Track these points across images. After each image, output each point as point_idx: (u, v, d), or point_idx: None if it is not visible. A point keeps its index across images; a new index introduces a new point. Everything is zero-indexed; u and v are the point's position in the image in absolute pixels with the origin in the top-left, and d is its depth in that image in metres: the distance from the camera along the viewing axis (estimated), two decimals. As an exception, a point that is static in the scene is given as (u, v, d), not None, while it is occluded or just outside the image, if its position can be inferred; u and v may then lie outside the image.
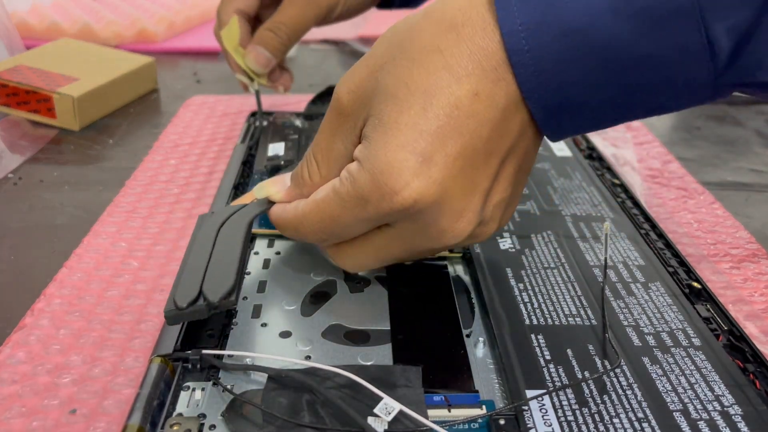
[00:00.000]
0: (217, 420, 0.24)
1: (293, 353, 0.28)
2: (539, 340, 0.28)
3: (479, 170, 0.27)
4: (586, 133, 0.29)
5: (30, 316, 0.33)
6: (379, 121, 0.26)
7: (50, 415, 0.27)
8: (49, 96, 0.55)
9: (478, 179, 0.27)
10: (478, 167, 0.27)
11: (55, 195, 0.46)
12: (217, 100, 0.63)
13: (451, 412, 0.25)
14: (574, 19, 0.24)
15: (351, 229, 0.29)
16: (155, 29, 0.81)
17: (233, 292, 0.27)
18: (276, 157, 0.45)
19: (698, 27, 0.23)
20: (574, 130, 0.27)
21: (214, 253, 0.29)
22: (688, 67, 0.24)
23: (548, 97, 0.26)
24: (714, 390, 0.26)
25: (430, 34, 0.27)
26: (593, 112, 0.26)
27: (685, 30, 0.23)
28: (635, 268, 0.34)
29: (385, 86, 0.27)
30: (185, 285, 0.27)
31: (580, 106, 0.26)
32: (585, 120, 0.27)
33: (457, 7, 0.27)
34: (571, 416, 0.24)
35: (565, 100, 0.26)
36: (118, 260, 0.38)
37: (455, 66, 0.26)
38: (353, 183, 0.27)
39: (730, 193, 0.48)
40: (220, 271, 0.28)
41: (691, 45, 0.24)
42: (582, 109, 0.26)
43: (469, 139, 0.26)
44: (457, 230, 0.27)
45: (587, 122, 0.27)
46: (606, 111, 0.26)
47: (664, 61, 0.24)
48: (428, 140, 0.26)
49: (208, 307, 0.26)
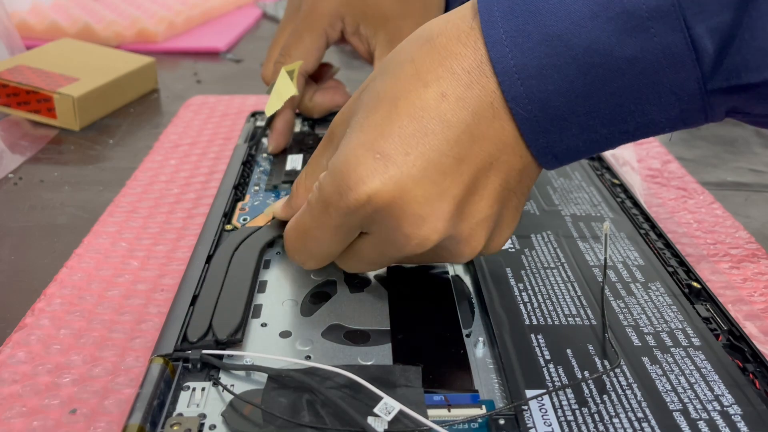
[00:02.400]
0: (217, 420, 0.24)
1: (293, 353, 0.28)
2: (539, 340, 0.28)
3: (447, 176, 0.26)
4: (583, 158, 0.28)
5: (30, 316, 0.33)
6: (350, 129, 0.27)
7: (51, 415, 0.27)
8: (49, 96, 0.55)
9: (446, 185, 0.26)
10: (445, 172, 0.26)
11: (55, 195, 0.47)
12: (218, 101, 0.64)
13: (450, 411, 0.25)
14: (555, 24, 0.24)
15: (324, 242, 0.29)
16: (155, 29, 0.81)
17: (239, 329, 0.28)
18: (294, 171, 0.43)
19: (680, 27, 0.23)
20: (565, 150, 0.26)
21: (226, 284, 0.31)
22: (674, 71, 0.24)
23: (532, 107, 0.25)
24: (714, 390, 0.26)
25: (407, 49, 0.27)
26: (582, 127, 0.25)
27: (666, 31, 0.23)
28: (635, 268, 0.34)
29: (363, 101, 0.28)
30: (197, 318, 0.29)
31: (567, 117, 0.25)
32: (574, 136, 0.26)
33: (436, 23, 0.27)
34: (571, 416, 0.24)
35: (550, 109, 0.25)
36: (119, 260, 0.38)
37: (424, 72, 0.26)
38: (319, 188, 0.27)
39: (730, 193, 0.48)
40: (230, 306, 0.30)
41: (673, 46, 0.23)
42: (569, 122, 0.25)
43: (434, 140, 0.25)
44: (420, 237, 0.26)
45: (577, 139, 0.26)
46: (594, 125, 0.25)
47: (649, 64, 0.24)
48: (389, 140, 0.26)
49: (216, 343, 0.28)
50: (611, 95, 0.25)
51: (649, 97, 0.24)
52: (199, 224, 0.41)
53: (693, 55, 0.23)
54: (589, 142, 0.26)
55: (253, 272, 0.32)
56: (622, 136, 0.26)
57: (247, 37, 0.89)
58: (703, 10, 0.23)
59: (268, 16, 0.99)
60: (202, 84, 0.71)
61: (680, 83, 0.24)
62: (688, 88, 0.24)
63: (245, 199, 0.40)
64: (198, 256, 0.34)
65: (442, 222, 0.26)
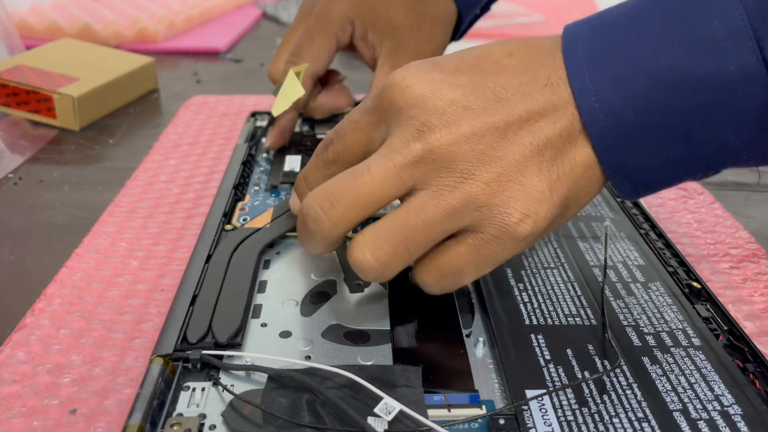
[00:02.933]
0: (217, 420, 0.24)
1: (293, 353, 0.28)
2: (539, 340, 0.28)
3: (481, 104, 0.26)
4: (661, 189, 0.28)
5: (30, 316, 0.33)
6: None
7: (50, 415, 0.27)
8: (49, 96, 0.55)
9: (477, 108, 0.26)
10: (482, 100, 0.26)
11: (55, 195, 0.46)
12: (218, 100, 0.64)
13: (451, 412, 0.25)
14: (631, 46, 0.25)
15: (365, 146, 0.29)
16: (155, 29, 0.81)
17: (239, 332, 0.28)
18: (292, 173, 0.43)
19: (752, 48, 0.23)
20: (639, 172, 0.26)
21: (225, 285, 0.31)
22: (748, 91, 0.24)
23: (605, 121, 0.25)
24: (714, 390, 0.26)
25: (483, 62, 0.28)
26: (654, 145, 0.25)
27: (739, 51, 0.24)
28: (635, 267, 0.34)
29: None
30: (196, 319, 0.29)
31: (639, 134, 0.25)
32: (647, 156, 0.26)
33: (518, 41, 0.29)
34: (571, 416, 0.24)
35: (622, 123, 0.25)
36: (119, 260, 0.38)
37: (500, 44, 0.28)
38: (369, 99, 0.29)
39: (730, 193, 0.48)
40: (229, 308, 0.30)
41: (747, 67, 0.24)
42: (641, 139, 0.25)
43: (483, 74, 0.27)
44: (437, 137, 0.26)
45: (651, 160, 0.26)
46: (667, 144, 0.25)
47: (722, 83, 0.24)
48: (444, 60, 0.28)
49: (215, 345, 0.28)
50: (684, 113, 0.25)
51: (722, 116, 0.25)
52: (199, 224, 0.41)
53: (766, 75, 0.24)
54: (664, 165, 0.26)
55: (252, 273, 0.32)
56: (696, 161, 0.26)
57: (247, 37, 0.89)
58: None
59: (268, 16, 0.99)
60: (202, 84, 0.70)
61: (754, 103, 0.24)
62: (761, 108, 0.24)
63: (245, 199, 0.40)
64: (198, 256, 0.34)
65: (466, 139, 0.26)
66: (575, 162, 0.26)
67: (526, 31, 0.84)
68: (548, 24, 0.88)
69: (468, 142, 0.26)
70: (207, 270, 0.32)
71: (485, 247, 0.26)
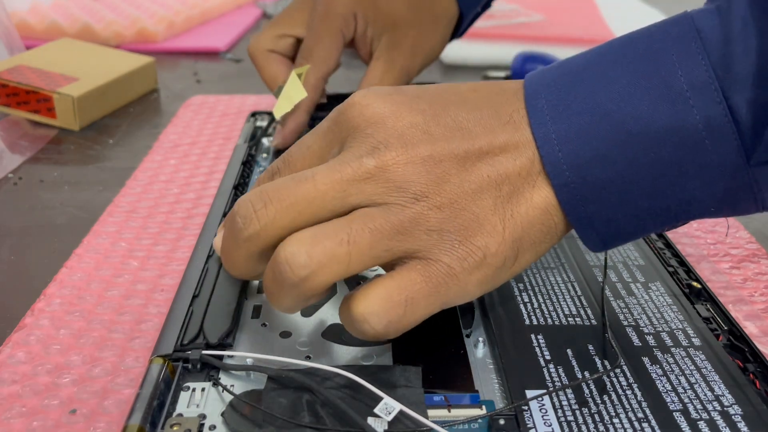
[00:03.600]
0: (217, 420, 0.24)
1: (293, 353, 0.28)
2: (539, 340, 0.28)
3: (442, 131, 0.26)
4: (628, 241, 0.27)
5: (30, 316, 0.33)
6: None
7: (50, 415, 0.27)
8: (49, 96, 0.55)
9: (437, 135, 0.25)
10: (443, 127, 0.26)
11: (55, 195, 0.46)
12: (217, 100, 0.64)
13: (451, 412, 0.25)
14: (595, 94, 0.25)
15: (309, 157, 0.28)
16: (155, 29, 0.81)
17: (230, 333, 0.28)
18: None
19: (718, 99, 0.23)
20: (606, 225, 0.25)
21: (218, 285, 0.31)
22: (715, 143, 0.23)
23: (570, 173, 0.25)
24: (714, 390, 0.26)
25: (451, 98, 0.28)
26: (621, 198, 0.25)
27: (705, 102, 0.23)
28: (635, 267, 0.34)
29: None
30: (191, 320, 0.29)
31: (605, 186, 0.25)
32: (614, 209, 0.25)
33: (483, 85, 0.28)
34: (571, 416, 0.24)
35: (588, 176, 0.25)
36: (118, 260, 0.38)
37: (465, 82, 0.28)
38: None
39: (730, 192, 0.48)
40: (221, 310, 0.30)
41: (713, 119, 0.23)
42: (608, 192, 0.25)
43: (445, 103, 0.27)
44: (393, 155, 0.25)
45: (618, 213, 0.25)
46: (634, 197, 0.25)
47: (688, 135, 0.23)
48: (408, 87, 0.28)
49: (206, 346, 0.28)
50: (651, 165, 0.24)
51: (689, 170, 0.24)
52: (199, 224, 0.41)
53: (733, 127, 0.23)
54: (631, 218, 0.25)
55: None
56: (664, 214, 0.25)
57: (247, 37, 0.89)
58: (737, 81, 0.23)
59: (268, 15, 0.99)
60: (201, 84, 0.70)
61: (722, 156, 0.23)
62: (730, 162, 0.24)
63: (245, 199, 0.40)
64: (198, 256, 0.34)
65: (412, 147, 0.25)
66: (532, 203, 0.25)
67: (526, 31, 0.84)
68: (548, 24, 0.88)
69: (424, 164, 0.25)
70: (207, 270, 0.32)
71: (436, 276, 0.25)
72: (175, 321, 0.29)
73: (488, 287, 0.26)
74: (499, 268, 0.26)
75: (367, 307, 0.24)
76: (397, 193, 0.25)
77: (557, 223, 0.26)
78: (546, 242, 0.26)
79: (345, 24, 0.47)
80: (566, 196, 0.25)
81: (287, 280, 0.24)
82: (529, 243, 0.26)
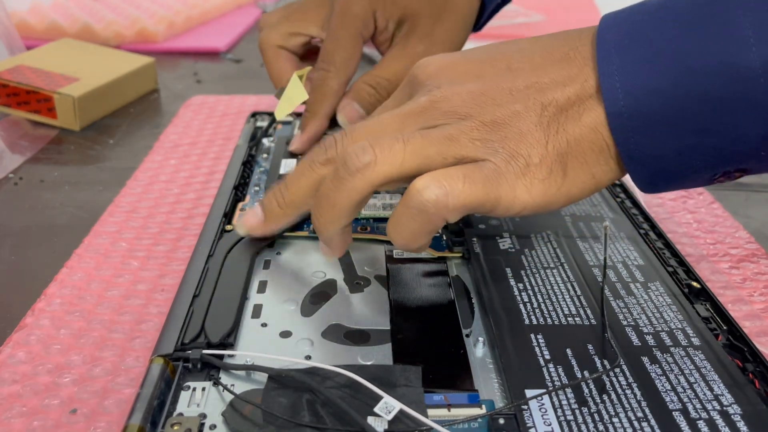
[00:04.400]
0: (218, 420, 0.24)
1: (293, 353, 0.28)
2: (539, 339, 0.28)
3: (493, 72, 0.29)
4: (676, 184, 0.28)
5: (30, 315, 0.33)
6: None
7: (51, 415, 0.28)
8: (49, 96, 0.55)
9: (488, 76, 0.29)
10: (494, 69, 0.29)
11: (55, 195, 0.47)
12: (218, 100, 0.64)
13: (450, 411, 0.25)
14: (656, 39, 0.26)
15: None
16: (155, 29, 0.81)
17: (232, 332, 0.29)
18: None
19: None
20: (652, 160, 0.26)
21: (219, 285, 0.31)
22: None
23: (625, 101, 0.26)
24: (713, 389, 0.26)
25: None
26: (669, 130, 0.26)
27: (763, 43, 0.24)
28: (634, 267, 0.34)
29: None
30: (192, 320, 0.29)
31: (653, 115, 0.25)
32: (661, 141, 0.26)
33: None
34: (571, 416, 0.24)
35: (640, 105, 0.26)
36: (119, 260, 0.38)
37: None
38: None
39: (730, 193, 0.48)
40: (222, 309, 0.30)
41: None
42: (655, 122, 0.25)
43: (501, 53, 0.30)
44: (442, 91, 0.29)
45: (664, 146, 0.26)
46: (682, 130, 0.25)
47: (744, 72, 0.24)
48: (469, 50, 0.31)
49: (207, 346, 0.28)
50: (703, 99, 0.25)
51: (740, 106, 0.24)
52: (200, 224, 0.41)
53: None
54: (679, 155, 0.26)
55: (246, 273, 0.32)
56: (712, 153, 0.26)
57: (247, 37, 0.89)
58: None
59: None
60: (202, 84, 0.71)
61: None
62: None
63: (245, 200, 0.40)
64: (198, 257, 0.34)
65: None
66: (580, 122, 0.27)
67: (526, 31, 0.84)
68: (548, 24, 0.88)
69: (470, 94, 0.28)
70: (207, 270, 0.32)
71: (485, 170, 0.27)
72: (175, 321, 0.29)
73: (540, 200, 0.28)
74: (547, 181, 0.27)
75: (429, 178, 0.27)
76: (444, 118, 0.29)
77: (609, 144, 0.27)
78: (600, 164, 0.28)
79: (364, 25, 0.46)
80: (618, 125, 0.26)
81: (351, 165, 0.28)
82: (579, 160, 0.28)
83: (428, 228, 0.28)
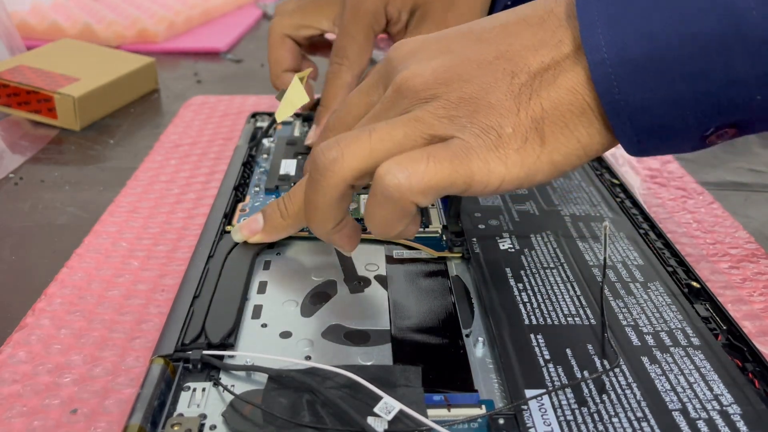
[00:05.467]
0: (218, 420, 0.24)
1: (293, 353, 0.28)
2: (538, 339, 0.28)
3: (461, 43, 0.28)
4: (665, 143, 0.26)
5: (31, 315, 0.33)
6: None
7: (51, 415, 0.28)
8: (50, 96, 0.55)
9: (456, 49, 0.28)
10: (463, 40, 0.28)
11: (55, 195, 0.47)
12: (218, 101, 0.64)
13: (450, 411, 0.25)
14: None
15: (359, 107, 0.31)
16: (155, 29, 0.81)
17: (232, 333, 0.29)
18: (287, 176, 0.43)
19: None
20: (640, 112, 0.24)
21: (219, 286, 0.31)
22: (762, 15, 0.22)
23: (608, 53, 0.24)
24: (713, 389, 0.26)
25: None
26: (658, 78, 0.24)
27: None
28: (634, 267, 0.34)
29: None
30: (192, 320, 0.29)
31: (641, 63, 0.24)
32: (650, 91, 0.24)
33: None
34: (571, 416, 0.24)
35: (625, 54, 0.24)
36: (119, 260, 0.38)
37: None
38: None
39: (729, 193, 0.48)
40: (223, 309, 0.30)
41: None
42: (644, 70, 0.24)
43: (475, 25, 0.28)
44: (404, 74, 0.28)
45: (654, 97, 0.24)
46: (673, 76, 0.23)
47: (736, 6, 0.22)
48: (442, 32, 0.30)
49: (208, 346, 0.28)
50: (691, 39, 0.23)
51: (732, 43, 0.22)
52: (200, 224, 0.41)
53: None
54: (668, 106, 0.24)
55: (246, 274, 0.32)
56: (703, 100, 0.24)
57: (247, 37, 0.89)
58: None
59: (268, 16, 0.99)
60: (202, 84, 0.71)
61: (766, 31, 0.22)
62: None
63: (246, 200, 0.40)
64: (198, 257, 0.34)
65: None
66: (555, 84, 0.26)
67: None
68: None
69: (434, 72, 0.27)
70: (207, 270, 0.33)
71: (454, 147, 0.26)
72: (175, 321, 0.29)
73: (518, 171, 0.26)
74: (523, 150, 0.26)
75: (391, 162, 0.26)
76: (408, 100, 0.28)
77: (591, 104, 0.26)
78: (583, 125, 0.26)
79: (375, 20, 0.47)
80: (601, 75, 0.25)
81: (320, 164, 0.27)
82: (559, 125, 0.26)
83: (399, 214, 0.27)
